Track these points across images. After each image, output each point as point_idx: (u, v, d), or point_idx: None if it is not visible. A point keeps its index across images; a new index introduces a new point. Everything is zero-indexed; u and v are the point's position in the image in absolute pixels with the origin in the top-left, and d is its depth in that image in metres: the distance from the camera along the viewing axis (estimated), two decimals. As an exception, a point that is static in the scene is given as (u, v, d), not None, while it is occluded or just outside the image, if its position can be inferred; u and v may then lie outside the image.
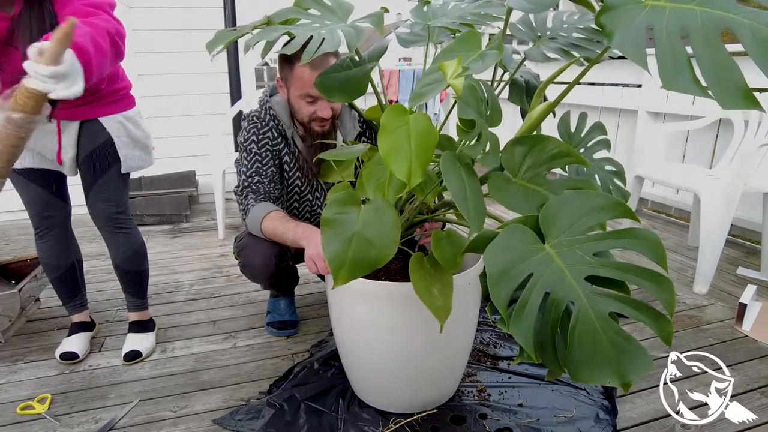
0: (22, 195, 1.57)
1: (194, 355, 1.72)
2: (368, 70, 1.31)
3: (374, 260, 1.03)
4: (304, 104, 1.51)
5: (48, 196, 1.58)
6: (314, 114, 1.51)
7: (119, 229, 1.62)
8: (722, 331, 1.82)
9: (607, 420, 1.35)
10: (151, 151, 1.66)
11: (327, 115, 1.50)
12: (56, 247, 1.64)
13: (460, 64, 0.96)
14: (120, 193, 1.60)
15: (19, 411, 1.43)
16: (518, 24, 1.39)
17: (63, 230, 1.65)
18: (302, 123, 1.57)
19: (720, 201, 2.03)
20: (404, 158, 0.98)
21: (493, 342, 1.74)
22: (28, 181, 1.54)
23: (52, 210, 1.60)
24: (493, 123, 1.10)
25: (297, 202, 1.73)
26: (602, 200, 0.95)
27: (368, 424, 1.35)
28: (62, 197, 1.62)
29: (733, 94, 0.73)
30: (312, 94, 1.47)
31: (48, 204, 1.58)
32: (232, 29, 1.28)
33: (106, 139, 1.52)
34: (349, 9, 1.30)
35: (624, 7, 0.84)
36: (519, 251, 0.91)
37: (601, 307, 0.85)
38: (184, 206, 3.19)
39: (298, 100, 1.52)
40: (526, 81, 1.40)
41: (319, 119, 1.52)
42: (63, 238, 1.66)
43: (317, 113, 1.51)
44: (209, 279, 2.34)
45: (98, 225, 1.61)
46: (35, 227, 1.62)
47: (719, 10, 0.77)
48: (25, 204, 1.58)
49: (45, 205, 1.58)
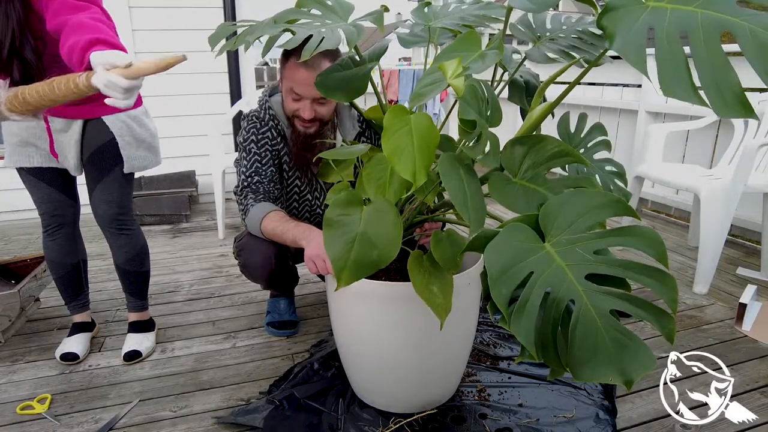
0: (33, 194, 1.58)
1: (194, 355, 1.72)
2: (368, 70, 1.31)
3: (377, 261, 1.03)
4: (290, 99, 1.51)
5: (57, 195, 1.59)
6: (297, 111, 1.51)
7: (122, 230, 1.62)
8: (722, 331, 1.82)
9: (607, 420, 1.35)
10: (158, 150, 1.66)
11: (306, 116, 1.49)
12: (65, 245, 1.65)
13: (461, 64, 0.96)
14: (123, 194, 1.59)
15: (19, 411, 1.43)
16: (518, 24, 1.40)
17: (71, 229, 1.66)
18: (288, 117, 1.57)
19: (720, 201, 2.03)
20: (408, 158, 0.98)
21: (493, 342, 1.74)
22: (38, 180, 1.55)
23: (61, 209, 1.61)
24: (494, 123, 1.10)
25: (296, 202, 1.73)
26: (602, 198, 0.95)
27: (368, 424, 1.35)
28: (71, 196, 1.63)
29: (729, 100, 0.73)
30: (297, 91, 1.47)
31: (57, 202, 1.59)
32: (233, 23, 1.28)
33: (110, 138, 1.52)
34: (350, 9, 1.30)
35: (625, 8, 0.84)
36: (519, 250, 0.91)
37: (602, 304, 0.85)
38: (184, 206, 3.19)
39: (286, 94, 1.52)
40: (525, 81, 1.40)
41: (301, 118, 1.52)
42: (71, 237, 1.67)
43: (299, 111, 1.51)
44: (209, 279, 2.34)
45: (101, 225, 1.61)
46: (45, 226, 1.62)
47: (720, 13, 0.77)
48: (35, 203, 1.59)
49: (54, 204, 1.59)
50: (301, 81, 1.44)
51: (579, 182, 1.09)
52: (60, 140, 1.51)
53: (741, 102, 0.73)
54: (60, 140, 1.51)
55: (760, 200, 2.29)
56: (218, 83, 3.36)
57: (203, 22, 3.21)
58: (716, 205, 2.04)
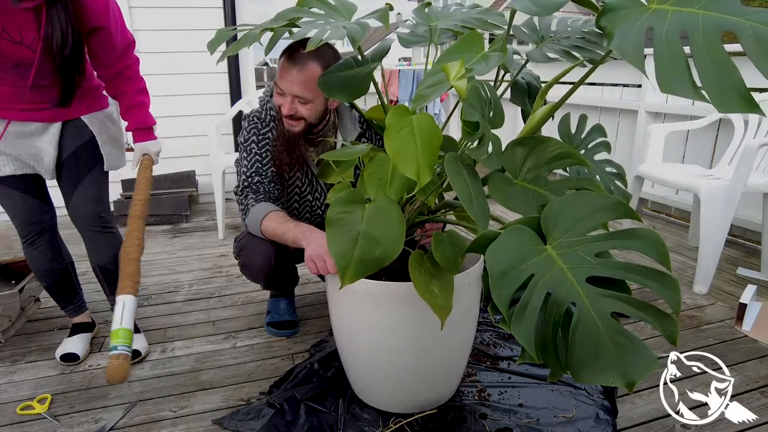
0: (5, 205, 1.52)
1: (194, 355, 1.72)
2: (371, 70, 1.31)
3: (380, 258, 1.03)
4: (276, 94, 1.51)
5: (32, 201, 1.54)
6: (279, 106, 1.51)
7: (105, 229, 1.59)
8: (722, 331, 1.82)
9: (607, 420, 1.35)
10: (124, 150, 1.65)
11: (285, 112, 1.48)
12: (48, 252, 1.60)
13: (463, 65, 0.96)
14: (104, 193, 1.58)
15: (19, 411, 1.43)
16: (522, 27, 1.39)
17: (52, 234, 1.61)
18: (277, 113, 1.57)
19: (720, 201, 2.03)
20: (412, 158, 0.98)
21: (493, 342, 1.74)
22: (11, 189, 1.50)
23: (39, 215, 1.56)
24: (496, 125, 1.10)
25: (297, 202, 1.73)
26: (604, 201, 0.95)
27: (368, 424, 1.35)
28: (46, 201, 1.59)
29: (731, 96, 0.73)
30: (279, 85, 1.47)
31: (33, 209, 1.54)
32: (232, 28, 1.28)
33: (90, 137, 1.51)
34: (353, 9, 1.30)
35: (626, 9, 0.84)
36: (520, 252, 0.91)
37: (603, 307, 0.85)
38: (184, 206, 3.19)
39: (275, 89, 1.52)
40: (527, 83, 1.40)
41: (283, 114, 1.51)
42: (53, 242, 1.62)
43: (281, 107, 1.50)
44: (209, 279, 2.34)
45: (82, 226, 1.57)
46: (23, 236, 1.56)
47: (722, 13, 0.77)
48: (9, 214, 1.53)
49: (31, 211, 1.54)
50: (285, 76, 1.44)
51: (581, 183, 1.09)
52: (35, 144, 1.47)
53: (744, 97, 0.72)
54: (35, 144, 1.47)
55: (760, 200, 2.30)
56: (218, 83, 3.35)
57: (203, 22, 3.21)
58: (716, 205, 2.04)
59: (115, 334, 1.28)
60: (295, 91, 1.44)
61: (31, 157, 1.49)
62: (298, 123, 1.52)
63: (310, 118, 1.52)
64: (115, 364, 1.23)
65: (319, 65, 1.41)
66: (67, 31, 1.28)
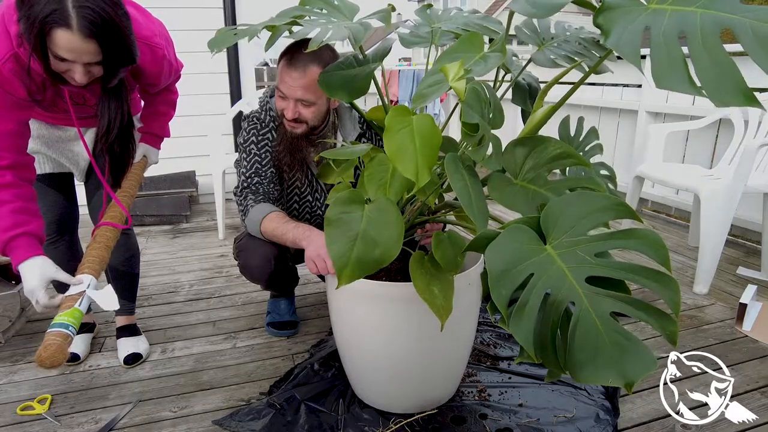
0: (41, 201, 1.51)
1: (194, 355, 1.72)
2: (372, 70, 1.31)
3: (378, 259, 1.03)
4: (278, 98, 1.51)
5: (64, 201, 1.58)
6: (282, 110, 1.51)
7: (124, 230, 1.60)
8: (722, 331, 1.83)
9: (607, 420, 1.35)
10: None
11: (288, 116, 1.48)
12: (66, 253, 1.63)
13: (462, 66, 0.96)
14: None
15: (19, 411, 1.43)
16: (523, 27, 1.40)
17: (73, 236, 1.66)
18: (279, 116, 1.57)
19: (720, 201, 2.03)
20: (410, 158, 0.98)
21: (494, 342, 1.74)
22: (47, 187, 1.53)
23: (67, 215, 1.60)
24: (496, 125, 1.10)
25: (297, 203, 1.73)
26: (604, 201, 0.95)
27: (368, 424, 1.35)
28: (74, 201, 1.63)
29: (729, 90, 0.72)
30: (282, 89, 1.47)
31: (64, 208, 1.59)
32: (232, 27, 1.28)
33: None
34: (355, 9, 1.30)
35: (624, 8, 0.84)
36: (520, 252, 0.91)
37: (602, 307, 0.85)
38: (184, 206, 3.19)
39: (276, 93, 1.52)
40: (528, 84, 1.41)
41: (286, 118, 1.51)
42: (73, 244, 1.66)
43: (283, 111, 1.50)
44: (209, 279, 2.34)
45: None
46: (49, 233, 1.57)
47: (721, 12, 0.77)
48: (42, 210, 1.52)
49: (62, 210, 1.58)
50: (286, 80, 1.44)
51: (581, 183, 1.09)
52: (72, 149, 1.52)
53: (742, 91, 0.72)
54: (72, 149, 1.52)
55: (760, 200, 2.30)
56: (218, 83, 3.35)
57: (203, 23, 3.21)
58: (716, 205, 2.04)
59: (71, 313, 1.18)
60: (298, 95, 1.44)
61: (68, 160, 1.53)
62: (300, 125, 1.52)
63: (313, 121, 1.52)
64: (55, 342, 1.10)
65: (319, 68, 1.41)
66: (115, 119, 1.32)
